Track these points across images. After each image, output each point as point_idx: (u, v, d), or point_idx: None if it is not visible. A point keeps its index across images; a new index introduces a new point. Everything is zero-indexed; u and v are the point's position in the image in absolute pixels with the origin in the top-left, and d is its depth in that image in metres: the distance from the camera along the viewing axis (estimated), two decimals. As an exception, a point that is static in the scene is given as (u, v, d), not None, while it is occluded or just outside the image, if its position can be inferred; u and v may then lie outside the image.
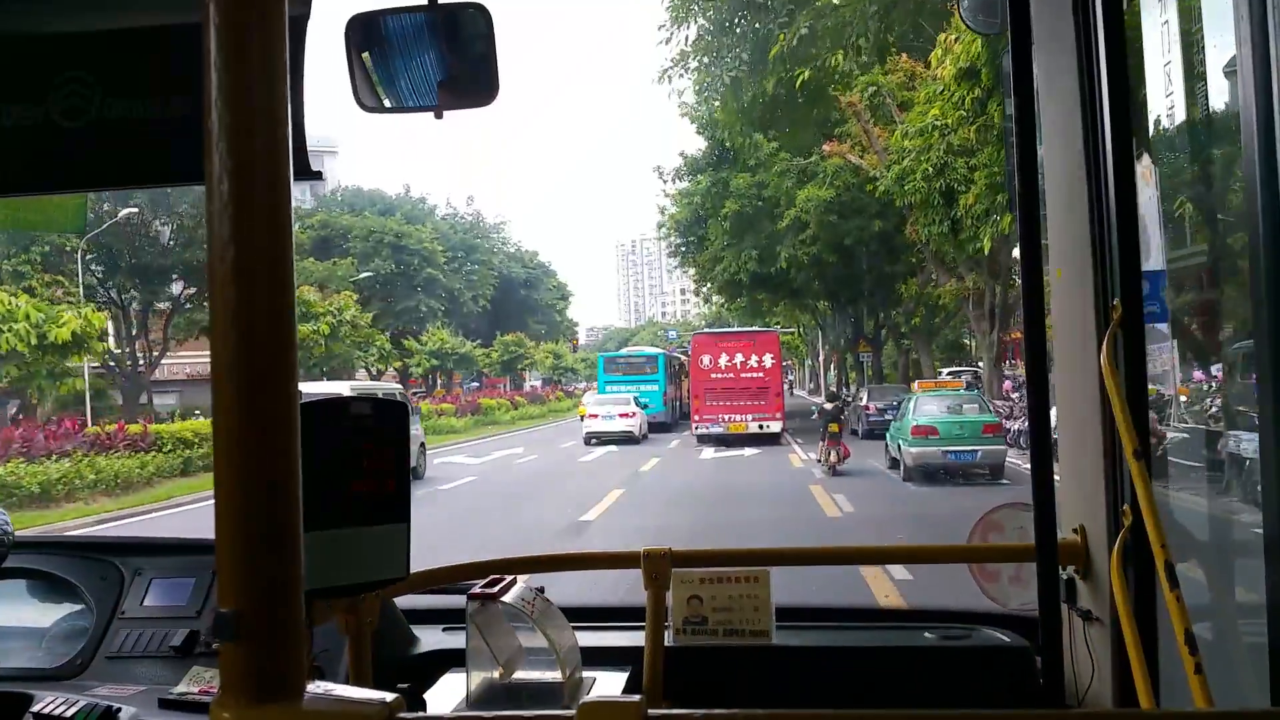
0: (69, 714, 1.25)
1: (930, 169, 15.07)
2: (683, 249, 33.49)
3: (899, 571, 6.27)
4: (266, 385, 0.48)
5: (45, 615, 1.50)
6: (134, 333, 24.83)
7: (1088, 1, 1.34)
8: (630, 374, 27.88)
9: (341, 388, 13.79)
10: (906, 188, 16.35)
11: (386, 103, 1.30)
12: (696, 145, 30.20)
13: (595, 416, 22.94)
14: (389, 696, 0.54)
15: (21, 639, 1.46)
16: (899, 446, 13.03)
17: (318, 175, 1.26)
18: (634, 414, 22.97)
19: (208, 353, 0.53)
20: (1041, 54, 1.37)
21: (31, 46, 1.25)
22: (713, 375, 21.82)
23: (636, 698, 0.52)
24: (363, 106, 1.29)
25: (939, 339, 30.01)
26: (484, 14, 1.27)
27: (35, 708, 1.27)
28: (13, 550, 1.29)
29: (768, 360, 22.19)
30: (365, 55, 1.29)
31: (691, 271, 35.92)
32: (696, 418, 21.77)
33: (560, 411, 39.04)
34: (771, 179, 25.68)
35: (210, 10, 0.51)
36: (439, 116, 1.30)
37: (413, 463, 5.49)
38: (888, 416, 16.85)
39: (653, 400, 26.51)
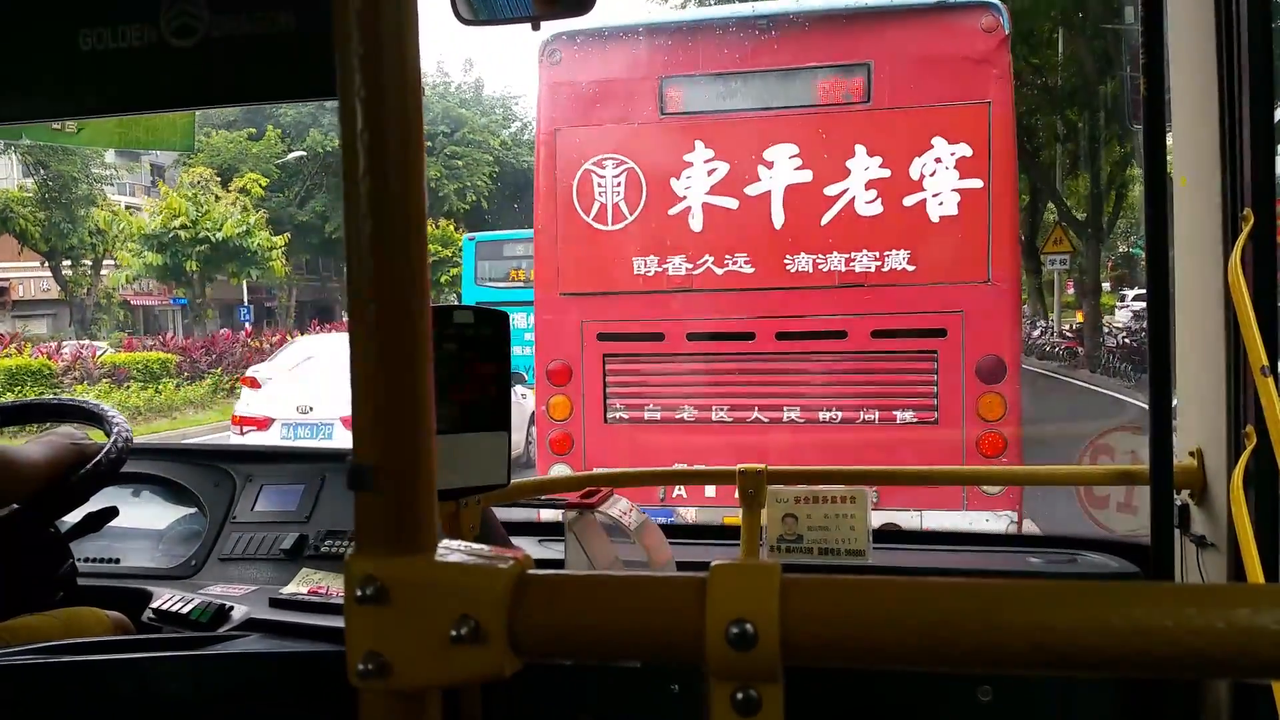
0: (185, 610, 1.77)
1: None
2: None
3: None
4: (398, 283, 0.65)
5: (162, 518, 2.06)
6: None
7: None
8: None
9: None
10: None
11: (482, 15, 1.68)
12: None
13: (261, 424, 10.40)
14: (519, 553, 0.67)
15: (140, 539, 2.02)
16: None
17: None
18: None
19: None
20: None
21: None
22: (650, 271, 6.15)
23: (773, 561, 0.62)
24: (460, 19, 1.70)
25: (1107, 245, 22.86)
26: None
27: (154, 604, 1.81)
28: (130, 456, 1.78)
29: (942, 169, 5.69)
30: None
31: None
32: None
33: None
34: None
35: None
36: (536, 28, 1.69)
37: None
38: None
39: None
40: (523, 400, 10.76)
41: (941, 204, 5.67)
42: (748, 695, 0.59)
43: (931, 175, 5.67)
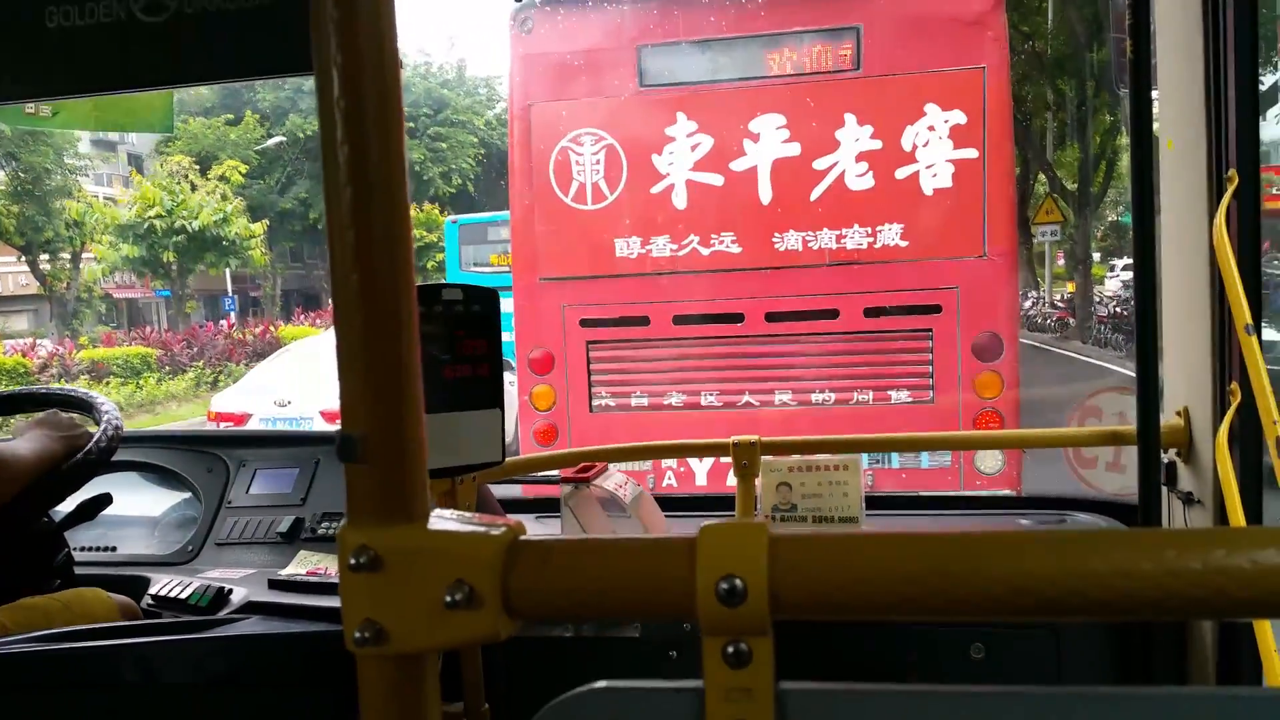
0: (184, 595, 1.79)
1: None
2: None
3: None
4: (380, 251, 0.66)
5: (157, 505, 2.08)
6: None
7: None
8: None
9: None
10: None
11: None
12: None
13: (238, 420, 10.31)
14: (511, 520, 0.69)
15: (137, 527, 2.04)
16: None
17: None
18: None
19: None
20: None
21: None
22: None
23: (761, 519, 0.74)
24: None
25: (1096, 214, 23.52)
26: None
27: (153, 590, 1.83)
28: (121, 444, 1.80)
29: (935, 139, 5.54)
30: None
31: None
32: None
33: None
34: None
35: None
36: None
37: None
38: None
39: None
40: (510, 386, 10.10)
41: (935, 175, 5.48)
42: (738, 649, 0.61)
43: (925, 145, 5.48)
